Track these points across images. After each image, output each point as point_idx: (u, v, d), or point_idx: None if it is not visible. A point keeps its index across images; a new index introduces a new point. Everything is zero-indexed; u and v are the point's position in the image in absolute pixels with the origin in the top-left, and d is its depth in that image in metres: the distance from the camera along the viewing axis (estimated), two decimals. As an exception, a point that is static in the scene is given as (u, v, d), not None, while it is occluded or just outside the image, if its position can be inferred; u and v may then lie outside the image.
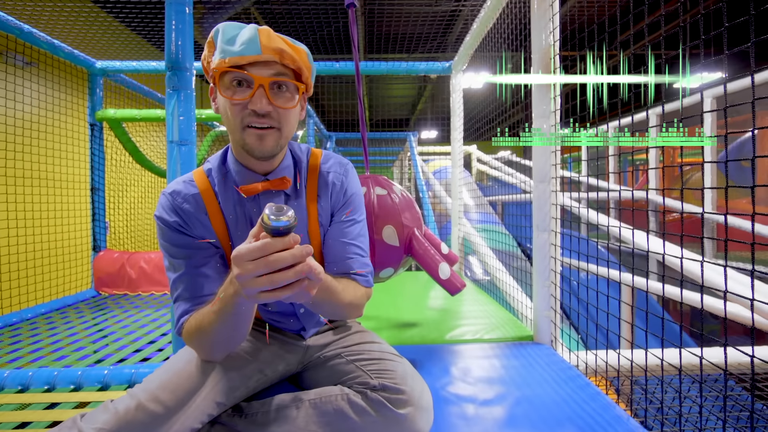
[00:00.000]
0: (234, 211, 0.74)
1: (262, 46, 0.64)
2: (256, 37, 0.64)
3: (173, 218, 0.71)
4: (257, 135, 0.66)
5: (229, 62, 0.63)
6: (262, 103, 0.64)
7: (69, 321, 1.94)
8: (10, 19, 1.89)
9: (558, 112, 1.25)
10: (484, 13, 1.83)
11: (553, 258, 1.27)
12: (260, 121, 0.66)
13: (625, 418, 0.86)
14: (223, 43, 0.64)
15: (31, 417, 1.05)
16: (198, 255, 0.71)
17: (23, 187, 2.21)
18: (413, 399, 0.72)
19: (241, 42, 0.63)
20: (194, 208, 0.72)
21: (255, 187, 0.71)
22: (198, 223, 0.72)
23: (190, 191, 0.73)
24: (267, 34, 0.65)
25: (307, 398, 0.76)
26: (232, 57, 0.63)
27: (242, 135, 0.66)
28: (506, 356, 1.21)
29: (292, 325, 0.88)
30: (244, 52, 0.63)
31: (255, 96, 0.64)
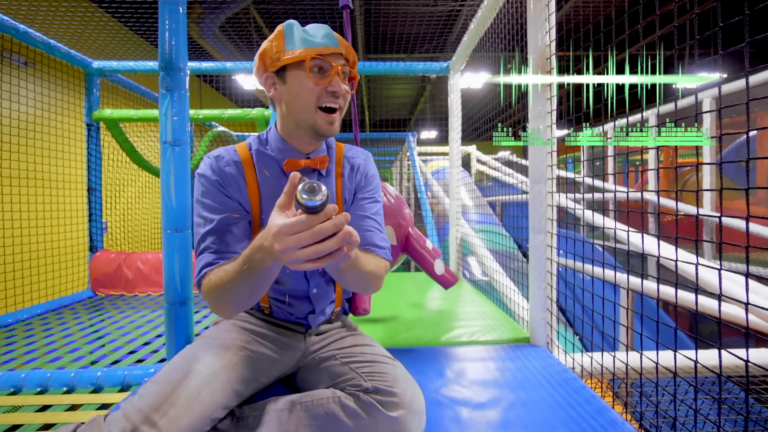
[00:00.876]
0: (269, 184, 0.82)
1: (339, 41, 0.78)
2: (332, 32, 0.78)
3: (215, 177, 0.79)
4: (328, 120, 0.78)
5: (316, 51, 0.75)
6: (340, 85, 0.77)
7: (65, 322, 1.93)
8: (6, 19, 1.88)
9: (554, 112, 1.24)
10: (481, 13, 1.82)
11: (549, 259, 1.26)
12: (335, 101, 0.78)
13: (620, 422, 0.85)
14: (305, 34, 0.76)
15: (23, 419, 1.05)
16: (230, 213, 0.79)
17: (19, 188, 2.21)
18: (405, 402, 0.71)
19: (323, 35, 0.76)
20: (235, 173, 0.81)
21: (298, 163, 0.82)
22: (236, 187, 0.80)
23: (234, 158, 0.82)
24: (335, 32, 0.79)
25: (299, 401, 0.75)
26: (318, 47, 0.75)
27: (314, 116, 0.77)
28: (502, 358, 1.20)
29: (302, 309, 0.89)
30: (328, 44, 0.76)
31: (334, 80, 0.76)
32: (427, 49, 6.62)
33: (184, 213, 1.25)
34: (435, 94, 9.84)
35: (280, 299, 0.89)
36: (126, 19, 3.67)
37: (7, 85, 2.14)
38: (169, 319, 1.21)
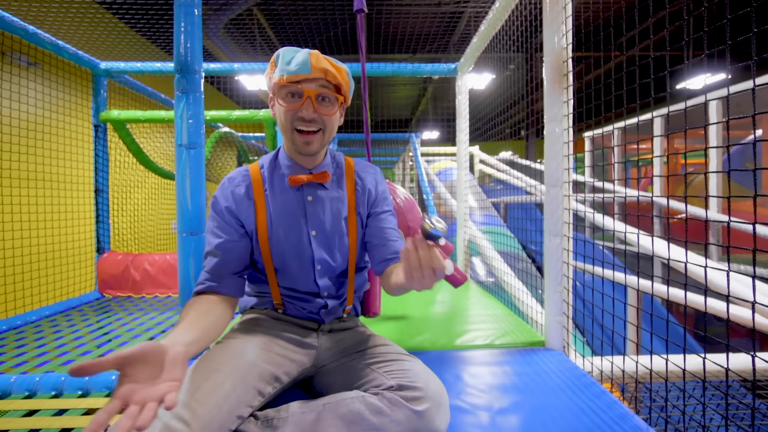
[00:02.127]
0: (278, 199, 0.89)
1: (311, 66, 0.80)
2: (308, 59, 0.80)
3: (225, 204, 0.88)
4: (304, 141, 0.83)
5: (287, 79, 0.80)
6: (309, 111, 0.81)
7: (74, 324, 1.92)
8: (15, 20, 1.88)
9: (570, 116, 1.24)
10: (492, 15, 1.82)
11: (566, 263, 1.25)
12: (307, 125, 0.82)
13: (644, 428, 0.84)
14: (283, 63, 0.81)
15: (41, 424, 1.04)
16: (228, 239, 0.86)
17: (27, 189, 2.20)
18: (429, 395, 0.72)
19: (296, 63, 0.80)
20: (244, 192, 0.89)
21: (301, 178, 0.88)
22: (243, 208, 0.88)
23: (245, 180, 0.90)
24: (316, 56, 0.82)
25: (324, 403, 0.76)
26: (289, 75, 0.80)
27: (292, 136, 0.84)
28: (518, 362, 1.19)
29: (314, 305, 0.92)
30: (299, 71, 0.80)
31: (303, 105, 0.81)
32: (430, 49, 6.61)
33: (200, 216, 1.25)
34: (437, 95, 9.84)
35: (292, 296, 0.92)
36: (134, 24, 3.67)
37: (15, 86, 2.13)
38: (184, 323, 1.21)
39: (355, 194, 0.93)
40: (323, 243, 0.90)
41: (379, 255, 0.90)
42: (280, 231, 0.88)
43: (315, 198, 0.89)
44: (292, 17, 4.93)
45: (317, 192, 0.90)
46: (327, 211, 0.90)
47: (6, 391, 1.22)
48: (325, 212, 0.90)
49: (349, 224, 0.92)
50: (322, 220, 0.89)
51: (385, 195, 0.97)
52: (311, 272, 0.90)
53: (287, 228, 0.88)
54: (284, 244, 0.88)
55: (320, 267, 0.90)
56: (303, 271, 0.90)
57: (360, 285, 1.01)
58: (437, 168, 5.69)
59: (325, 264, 0.91)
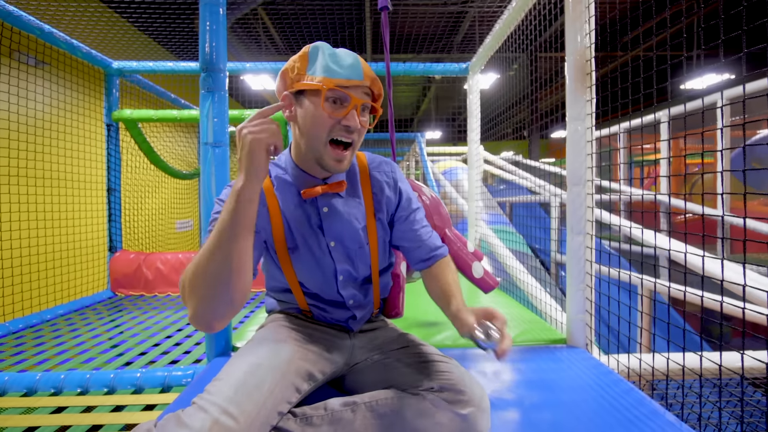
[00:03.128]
0: (292, 211, 0.81)
1: (363, 72, 0.73)
2: (359, 62, 0.74)
3: None
4: (337, 158, 0.75)
5: (336, 82, 0.71)
6: (356, 120, 0.73)
7: (90, 322, 1.93)
8: (32, 19, 1.89)
9: (593, 114, 1.25)
10: (508, 14, 1.82)
11: (588, 261, 1.26)
12: (348, 136, 0.74)
13: (677, 424, 0.85)
14: (329, 62, 0.72)
15: (70, 420, 1.05)
16: None
17: (43, 188, 2.21)
18: (474, 400, 0.71)
19: (347, 66, 0.72)
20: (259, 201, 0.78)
21: (315, 191, 0.78)
22: (259, 214, 0.78)
23: None
24: (363, 62, 0.75)
25: (362, 401, 0.75)
26: (340, 78, 0.71)
27: (323, 149, 0.74)
28: (543, 360, 1.20)
29: (342, 314, 0.89)
30: (351, 76, 0.72)
31: (351, 113, 0.72)
32: (435, 49, 6.63)
33: (224, 214, 1.25)
34: (439, 95, 9.85)
35: (319, 306, 0.90)
36: (146, 28, 3.68)
37: (30, 86, 2.14)
38: (209, 320, 1.21)
39: (373, 199, 0.87)
40: (343, 254, 0.85)
41: (417, 256, 0.88)
42: (298, 244, 0.83)
43: (331, 209, 0.82)
44: (299, 17, 4.93)
45: (333, 202, 0.83)
46: (345, 222, 0.83)
47: (33, 389, 1.22)
48: (342, 223, 0.83)
49: (369, 231, 0.87)
50: (341, 231, 0.83)
51: (408, 193, 0.91)
52: (333, 283, 0.87)
53: (304, 242, 0.83)
54: (303, 255, 0.83)
55: (342, 277, 0.86)
56: (325, 283, 0.87)
57: (385, 286, 1.00)
58: (442, 168, 5.70)
59: (346, 274, 0.87)
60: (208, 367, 1.13)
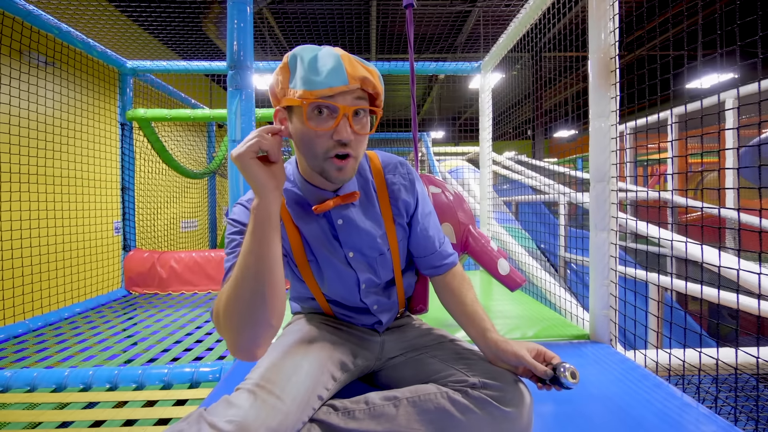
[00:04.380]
0: (307, 226, 0.78)
1: (348, 75, 0.64)
2: (341, 65, 0.64)
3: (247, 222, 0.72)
4: (338, 167, 0.68)
5: (316, 94, 0.62)
6: (347, 132, 0.65)
7: (109, 320, 1.94)
8: (51, 19, 1.90)
9: (617, 112, 1.26)
10: (524, 13, 1.83)
11: (613, 257, 1.27)
12: (343, 149, 0.66)
13: (711, 415, 0.86)
14: (307, 71, 0.63)
15: (103, 416, 1.06)
16: None
17: (60, 186, 2.22)
18: (517, 397, 0.71)
19: (327, 72, 0.63)
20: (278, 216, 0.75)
21: (327, 205, 0.74)
22: None
23: None
24: (349, 60, 0.65)
25: (403, 396, 0.75)
26: (321, 89, 0.62)
27: (323, 164, 0.68)
28: (569, 355, 1.21)
29: (367, 320, 0.89)
30: (332, 83, 0.63)
31: (340, 125, 0.64)
32: (441, 48, 6.64)
33: (252, 211, 1.26)
34: (442, 95, 9.85)
35: (343, 313, 0.89)
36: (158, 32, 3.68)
37: (41, 85, 2.15)
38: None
39: (390, 204, 0.83)
40: (364, 263, 0.83)
41: (429, 263, 0.87)
42: (316, 257, 0.80)
43: (346, 220, 0.78)
44: (301, 18, 4.94)
45: (347, 213, 0.78)
46: (362, 232, 0.80)
47: (61, 385, 1.23)
48: (360, 233, 0.80)
49: (389, 237, 0.84)
50: (358, 242, 0.80)
51: (424, 196, 0.87)
52: (356, 292, 0.85)
53: (322, 254, 0.80)
54: (323, 267, 0.81)
55: (364, 286, 0.85)
56: (347, 292, 0.85)
57: (409, 285, 0.99)
58: (447, 167, 5.71)
59: (369, 282, 0.85)
60: (237, 363, 1.13)
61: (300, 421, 0.66)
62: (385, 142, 6.07)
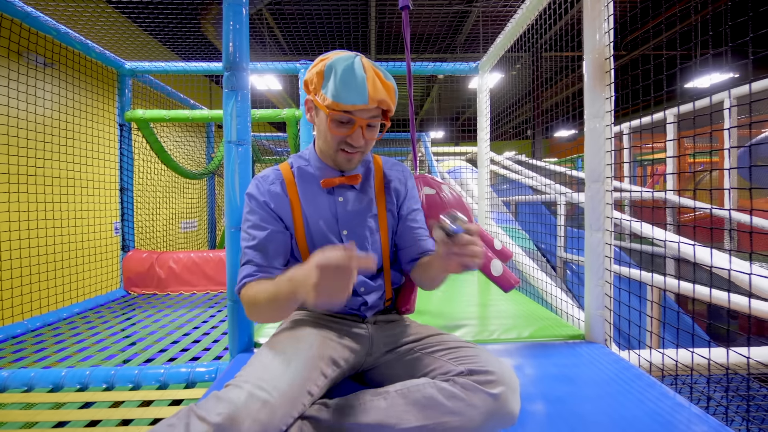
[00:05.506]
0: (310, 200, 0.90)
1: (369, 97, 0.77)
2: (365, 87, 0.77)
3: (262, 198, 0.88)
4: (347, 158, 0.86)
5: (341, 107, 0.78)
6: (359, 139, 0.82)
7: (107, 320, 1.95)
8: (49, 20, 1.90)
9: (612, 112, 1.26)
10: (521, 13, 1.84)
11: (607, 257, 1.27)
12: (354, 149, 0.84)
13: (703, 416, 0.86)
14: (338, 85, 0.77)
15: (99, 415, 1.06)
16: (270, 230, 0.86)
17: (59, 187, 2.23)
18: (504, 379, 0.72)
19: (353, 91, 0.77)
20: (280, 191, 0.89)
21: (333, 181, 0.89)
22: (281, 205, 0.89)
23: (278, 177, 0.91)
24: (373, 83, 0.78)
25: (393, 389, 0.76)
26: (345, 104, 0.77)
27: (335, 155, 0.86)
28: (563, 355, 1.21)
29: (354, 302, 0.92)
30: (355, 101, 0.77)
31: (354, 133, 0.81)
32: (439, 49, 6.65)
33: (248, 212, 1.27)
34: (441, 95, 9.86)
35: None
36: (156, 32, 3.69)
37: (39, 86, 2.15)
38: (233, 317, 1.22)
39: (384, 192, 0.95)
40: (356, 241, 0.91)
41: (408, 255, 0.93)
42: (314, 230, 0.90)
43: (345, 199, 0.91)
44: (301, 17, 4.95)
45: (347, 193, 0.92)
46: (356, 211, 0.91)
47: (58, 384, 1.24)
48: (355, 212, 0.91)
49: (380, 221, 0.94)
50: (353, 220, 0.91)
51: (413, 192, 0.99)
52: None
53: (319, 228, 0.90)
54: (318, 243, 0.89)
55: None
56: None
57: (397, 275, 1.01)
58: (446, 167, 5.71)
59: None
60: (233, 363, 1.14)
61: (289, 415, 0.68)
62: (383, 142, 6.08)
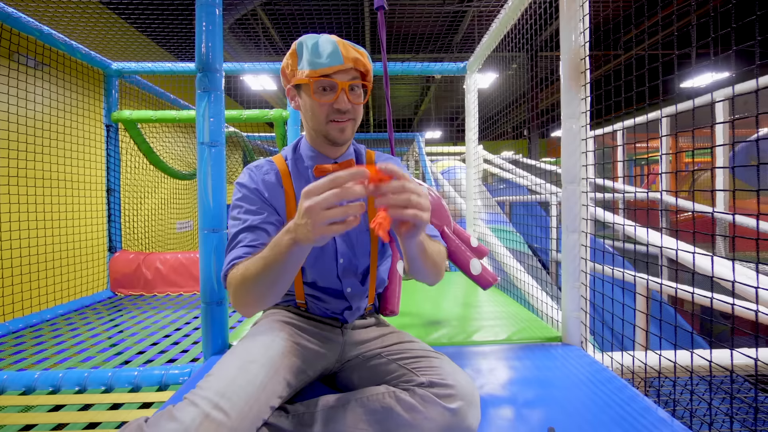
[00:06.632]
0: None
1: (343, 57, 0.78)
2: (338, 49, 0.78)
3: (254, 186, 0.85)
4: (339, 128, 0.82)
5: (319, 72, 0.78)
6: (345, 102, 0.80)
7: (90, 322, 1.94)
8: (31, 21, 1.90)
9: (588, 113, 1.25)
10: (504, 13, 1.83)
11: (583, 259, 1.27)
12: (341, 116, 0.82)
13: (669, 420, 0.85)
14: (311, 55, 0.78)
15: (67, 418, 1.06)
16: (265, 215, 0.83)
17: (42, 188, 2.22)
18: (462, 393, 0.71)
19: (327, 54, 0.78)
20: (275, 181, 0.87)
21: (326, 168, 0.85)
22: (276, 195, 0.86)
23: (273, 168, 0.89)
24: (344, 45, 0.80)
25: (354, 397, 0.76)
26: (322, 68, 0.77)
27: (326, 128, 0.83)
28: (537, 357, 1.20)
29: (338, 305, 0.91)
30: (331, 63, 0.77)
31: (339, 98, 0.80)
32: (432, 49, 6.63)
33: (221, 213, 1.26)
34: (439, 95, 9.85)
35: (316, 296, 0.91)
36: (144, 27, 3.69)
37: (30, 87, 2.15)
38: (206, 319, 1.22)
39: None
40: (345, 237, 0.90)
41: None
42: None
43: None
44: (297, 18, 4.94)
45: None
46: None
47: (31, 387, 1.23)
48: None
49: (370, 217, 0.90)
50: None
51: None
52: (334, 267, 0.89)
53: None
54: None
55: (342, 260, 0.89)
56: (326, 266, 0.89)
57: (381, 281, 1.01)
58: (441, 167, 5.71)
59: (346, 258, 0.90)
60: (205, 366, 1.14)
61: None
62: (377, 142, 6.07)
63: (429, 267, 0.77)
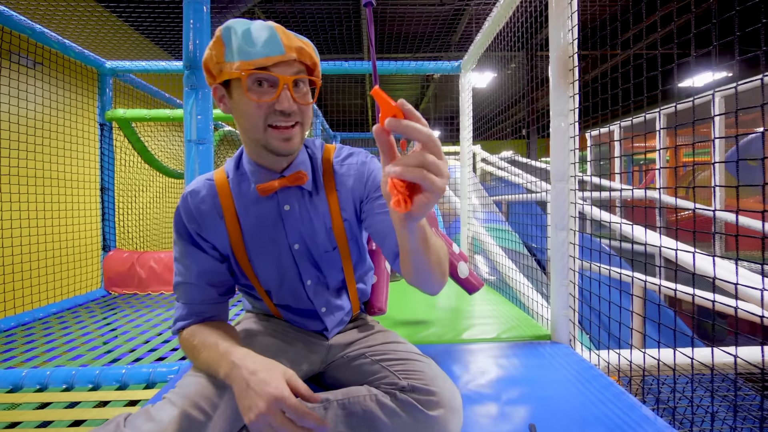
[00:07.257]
0: (250, 212, 0.75)
1: (284, 45, 0.64)
2: (277, 36, 0.63)
3: (185, 223, 0.74)
4: (283, 137, 0.66)
5: (254, 64, 0.62)
6: (289, 102, 0.64)
7: (82, 320, 1.94)
8: (23, 19, 1.89)
9: (576, 110, 1.25)
10: (496, 12, 1.82)
11: (572, 257, 1.26)
12: (286, 119, 0.66)
13: (652, 418, 0.85)
14: (243, 43, 0.63)
15: (53, 416, 1.05)
16: (199, 264, 0.74)
17: (35, 187, 2.22)
18: (444, 400, 0.70)
19: (263, 42, 0.62)
20: (209, 208, 0.74)
21: (271, 185, 0.71)
22: (212, 228, 0.74)
23: (211, 192, 0.75)
24: (283, 32, 0.65)
25: (335, 398, 0.74)
26: (257, 59, 0.62)
27: (264, 135, 0.66)
28: (525, 355, 1.20)
29: (315, 325, 0.88)
30: (269, 53, 0.62)
31: (281, 96, 0.64)
32: (431, 48, 6.63)
33: (209, 211, 1.26)
34: (438, 94, 9.85)
35: (293, 318, 0.88)
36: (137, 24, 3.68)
37: (22, 86, 2.15)
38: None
39: (337, 196, 0.77)
40: (308, 257, 0.79)
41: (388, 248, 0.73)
42: (258, 248, 0.76)
43: (293, 207, 0.75)
44: (294, 15, 4.94)
45: (294, 198, 0.75)
46: (308, 222, 0.76)
47: (18, 385, 1.23)
48: (305, 222, 0.76)
49: (336, 234, 0.79)
50: (304, 232, 0.76)
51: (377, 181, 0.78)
52: (302, 290, 0.81)
53: (265, 244, 0.76)
54: (264, 262, 0.77)
55: (310, 282, 0.81)
56: (293, 290, 0.82)
57: (363, 292, 0.95)
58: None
59: (315, 279, 0.81)
60: (190, 364, 1.13)
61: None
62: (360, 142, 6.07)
63: (433, 263, 0.60)
